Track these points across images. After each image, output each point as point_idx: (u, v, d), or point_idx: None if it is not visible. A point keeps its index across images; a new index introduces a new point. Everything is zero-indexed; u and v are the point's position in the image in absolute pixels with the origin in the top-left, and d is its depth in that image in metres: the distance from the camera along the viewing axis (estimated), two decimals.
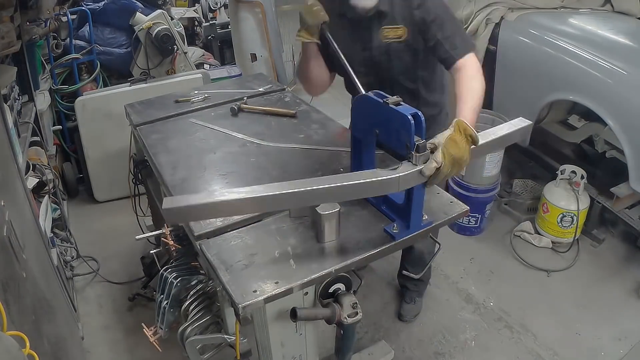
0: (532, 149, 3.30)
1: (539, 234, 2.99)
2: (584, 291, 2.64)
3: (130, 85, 3.41)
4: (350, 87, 1.90)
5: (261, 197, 1.22)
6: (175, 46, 3.58)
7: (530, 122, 1.50)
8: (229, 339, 1.63)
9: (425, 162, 1.27)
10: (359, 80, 1.61)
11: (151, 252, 2.00)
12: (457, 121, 1.33)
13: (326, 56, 1.87)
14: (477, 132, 1.36)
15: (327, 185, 1.24)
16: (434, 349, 2.36)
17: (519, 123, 1.49)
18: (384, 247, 1.41)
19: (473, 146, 1.32)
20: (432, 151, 1.29)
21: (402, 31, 1.76)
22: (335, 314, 1.44)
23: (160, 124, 2.22)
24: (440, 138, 1.30)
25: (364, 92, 1.49)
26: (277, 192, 1.23)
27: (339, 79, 2.00)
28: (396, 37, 1.77)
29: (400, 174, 1.26)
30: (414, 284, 2.51)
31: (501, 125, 1.50)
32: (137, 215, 2.63)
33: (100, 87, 3.63)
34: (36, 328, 1.43)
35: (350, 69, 1.66)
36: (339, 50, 1.69)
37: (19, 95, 2.70)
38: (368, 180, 1.26)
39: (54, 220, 2.70)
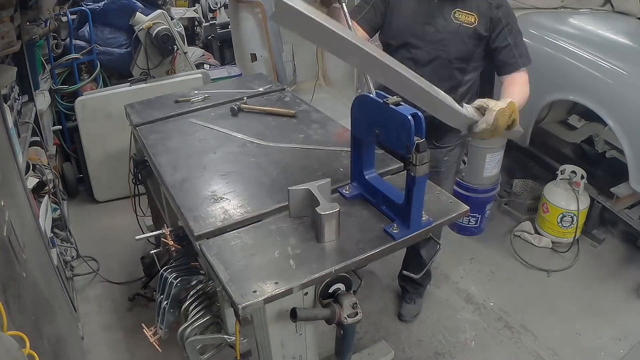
0: (532, 149, 3.30)
1: (539, 234, 2.99)
2: (584, 291, 2.64)
3: (130, 85, 3.40)
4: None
5: (366, 52, 1.22)
6: (175, 46, 3.57)
7: None
8: (229, 339, 1.63)
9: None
10: (411, 54, 1.82)
11: (151, 252, 2.00)
12: (511, 102, 1.51)
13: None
14: None
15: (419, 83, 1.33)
16: (434, 349, 2.36)
17: None
18: (384, 247, 1.41)
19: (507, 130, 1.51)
20: (480, 110, 1.48)
21: (473, 18, 1.83)
22: (335, 314, 1.44)
23: (160, 124, 2.22)
24: (494, 105, 1.46)
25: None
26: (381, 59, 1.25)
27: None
28: (467, 22, 1.84)
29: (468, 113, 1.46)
30: (413, 287, 2.51)
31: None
32: (136, 215, 2.63)
33: (100, 87, 3.63)
34: (36, 328, 1.43)
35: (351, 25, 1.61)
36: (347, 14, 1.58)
37: (19, 95, 2.70)
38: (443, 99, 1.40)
39: (54, 220, 2.70)
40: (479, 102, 1.51)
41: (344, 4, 1.57)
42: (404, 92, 1.37)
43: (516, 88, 1.78)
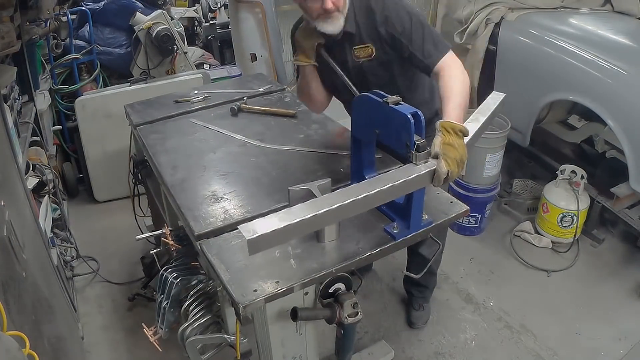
0: (532, 149, 3.30)
1: (539, 234, 2.99)
2: (584, 291, 2.64)
3: (130, 85, 3.41)
4: (349, 107, 1.92)
5: (330, 210, 1.19)
6: (175, 46, 3.57)
7: (503, 94, 1.58)
8: (229, 338, 1.63)
9: (426, 161, 1.31)
10: (342, 98, 1.68)
11: (151, 252, 2.00)
12: (440, 123, 1.39)
13: (321, 77, 1.92)
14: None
15: (386, 186, 1.24)
16: (434, 349, 2.36)
17: (496, 97, 1.55)
18: (384, 247, 1.41)
19: (466, 138, 1.37)
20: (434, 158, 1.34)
21: (370, 49, 1.77)
22: (336, 314, 1.44)
23: (160, 124, 2.22)
24: (436, 147, 1.34)
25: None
26: (345, 202, 1.21)
27: None
28: (367, 55, 1.78)
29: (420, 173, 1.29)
30: (418, 290, 2.49)
31: (481, 106, 1.55)
32: (135, 215, 2.63)
33: (100, 87, 3.63)
34: (36, 328, 1.43)
35: (349, 82, 1.73)
36: (336, 66, 1.76)
37: (19, 95, 2.70)
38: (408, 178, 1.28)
39: (54, 220, 2.69)
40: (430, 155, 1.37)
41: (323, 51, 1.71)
42: (372, 205, 1.35)
43: (443, 92, 1.61)
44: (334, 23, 1.69)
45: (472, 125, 1.43)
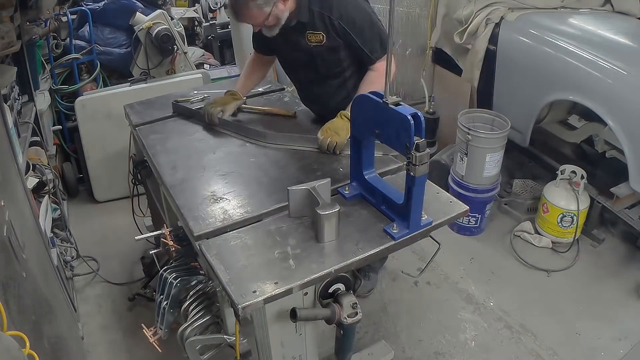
0: (532, 149, 3.30)
1: (539, 234, 2.99)
2: (584, 291, 2.64)
3: (130, 85, 3.40)
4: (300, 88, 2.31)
5: None
6: (175, 46, 3.57)
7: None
8: (229, 339, 1.63)
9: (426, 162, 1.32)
10: (293, 76, 2.21)
11: (151, 252, 1.99)
12: (340, 113, 1.91)
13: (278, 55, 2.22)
14: None
15: None
16: (434, 349, 2.36)
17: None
18: (383, 247, 1.42)
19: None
20: None
21: (321, 36, 1.97)
22: (335, 314, 1.44)
23: (159, 124, 2.22)
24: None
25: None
26: None
27: None
28: (317, 41, 1.98)
29: None
30: None
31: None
32: (134, 215, 2.62)
33: (100, 87, 3.63)
34: (36, 328, 1.43)
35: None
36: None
37: (19, 95, 2.70)
38: None
39: (54, 220, 2.69)
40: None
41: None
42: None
43: (362, 86, 1.96)
44: (270, 31, 1.93)
45: None
